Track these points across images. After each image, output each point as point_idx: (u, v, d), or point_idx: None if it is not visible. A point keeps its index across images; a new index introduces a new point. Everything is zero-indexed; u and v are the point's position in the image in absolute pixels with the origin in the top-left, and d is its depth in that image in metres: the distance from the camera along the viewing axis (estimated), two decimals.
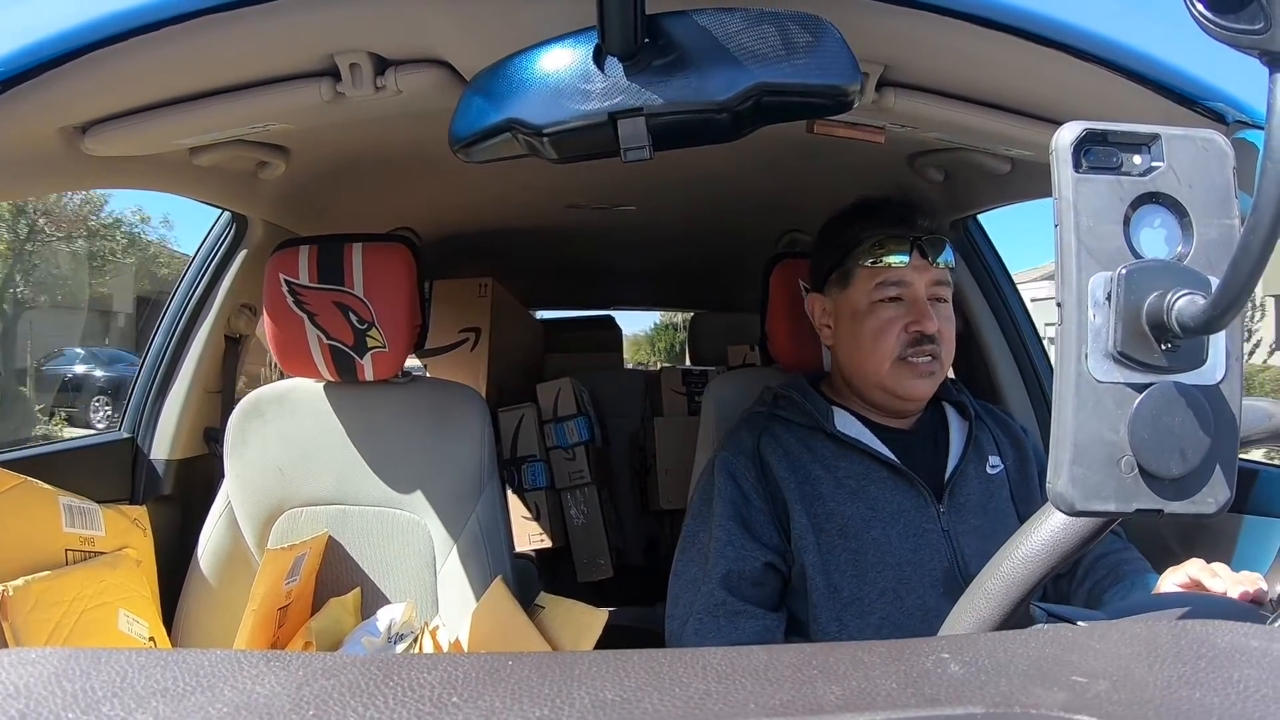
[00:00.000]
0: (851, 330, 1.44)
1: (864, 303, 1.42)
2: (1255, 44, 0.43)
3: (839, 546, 1.35)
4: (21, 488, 1.33)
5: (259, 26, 1.05)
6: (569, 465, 3.27)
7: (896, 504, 1.38)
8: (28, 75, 1.05)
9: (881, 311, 1.40)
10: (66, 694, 0.39)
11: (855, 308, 1.43)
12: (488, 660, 0.45)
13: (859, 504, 1.37)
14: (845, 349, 1.47)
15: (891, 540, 1.35)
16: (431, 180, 2.03)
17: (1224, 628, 0.51)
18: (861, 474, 1.40)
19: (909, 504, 1.38)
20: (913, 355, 1.39)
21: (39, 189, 1.43)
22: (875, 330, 1.40)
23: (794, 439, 1.44)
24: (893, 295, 1.40)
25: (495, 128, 0.90)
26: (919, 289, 1.40)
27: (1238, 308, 0.45)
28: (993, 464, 1.47)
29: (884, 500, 1.38)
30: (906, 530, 1.36)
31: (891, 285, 1.40)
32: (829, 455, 1.42)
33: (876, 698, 0.41)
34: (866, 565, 1.33)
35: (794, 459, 1.41)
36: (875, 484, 1.39)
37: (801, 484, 1.39)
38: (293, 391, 1.70)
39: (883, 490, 1.39)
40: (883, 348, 1.39)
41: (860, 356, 1.43)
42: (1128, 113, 1.07)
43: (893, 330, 1.39)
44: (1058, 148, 0.51)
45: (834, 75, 0.85)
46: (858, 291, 1.43)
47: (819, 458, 1.41)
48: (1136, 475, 0.50)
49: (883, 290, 1.40)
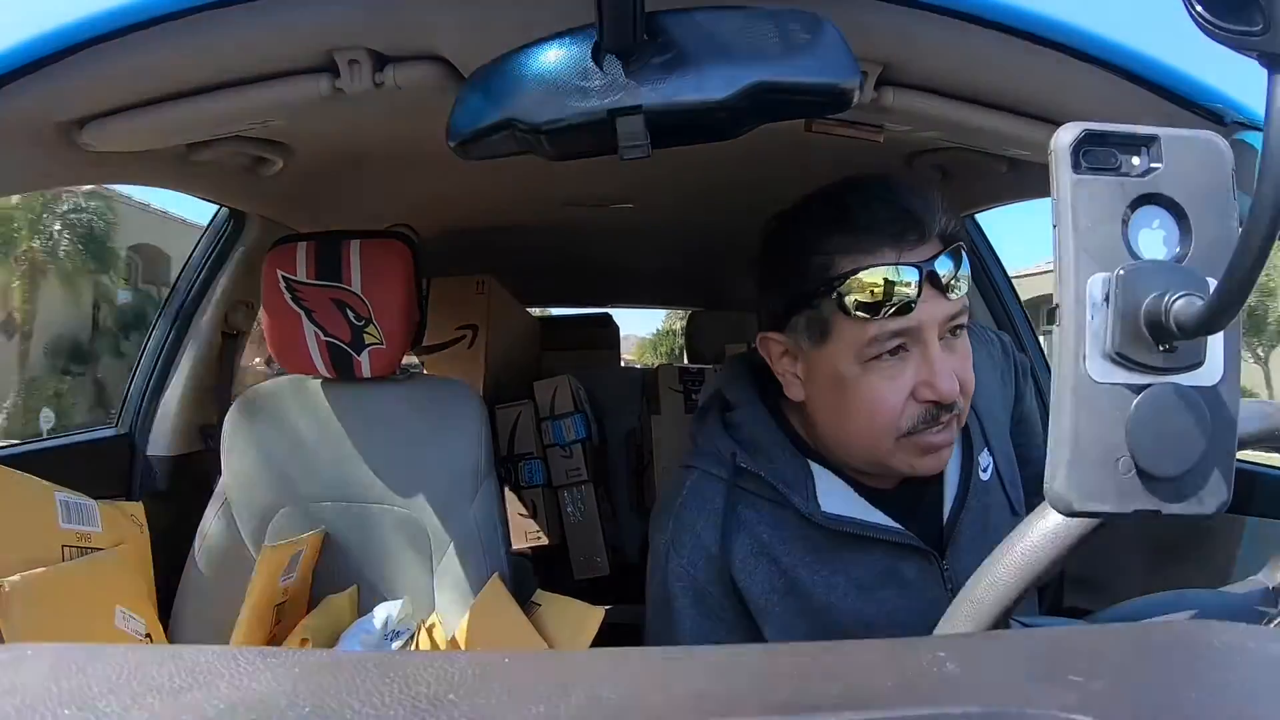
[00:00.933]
0: (834, 398, 1.04)
1: (851, 364, 1.00)
2: (1254, 45, 0.43)
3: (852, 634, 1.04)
4: (17, 483, 1.33)
5: (257, 22, 1.05)
6: (566, 463, 3.27)
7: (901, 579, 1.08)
8: (25, 70, 1.05)
9: (877, 376, 1.00)
10: (62, 690, 0.39)
11: (837, 371, 1.02)
12: (484, 658, 0.45)
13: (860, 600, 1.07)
14: (825, 416, 1.07)
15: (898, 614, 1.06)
16: (429, 177, 2.03)
17: (1220, 628, 0.51)
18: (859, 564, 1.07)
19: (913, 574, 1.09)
20: (925, 430, 1.00)
21: (35, 184, 1.42)
22: (869, 403, 1.00)
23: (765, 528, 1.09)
24: (894, 348, 0.99)
25: (494, 125, 0.90)
26: (930, 334, 0.98)
27: (1236, 309, 0.45)
28: (983, 465, 1.16)
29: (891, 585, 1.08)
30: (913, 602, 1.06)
31: (891, 338, 0.98)
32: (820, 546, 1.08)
33: (874, 697, 0.41)
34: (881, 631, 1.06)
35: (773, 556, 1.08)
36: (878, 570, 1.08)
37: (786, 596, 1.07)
38: (289, 388, 1.70)
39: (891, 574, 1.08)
40: (880, 425, 1.00)
41: (848, 432, 1.05)
42: (1127, 113, 1.07)
43: (894, 401, 0.99)
44: (1056, 148, 0.51)
45: (833, 74, 0.85)
46: (840, 349, 1.00)
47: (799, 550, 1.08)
48: (1134, 476, 0.50)
49: (878, 346, 0.98)
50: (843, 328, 0.99)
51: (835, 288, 0.98)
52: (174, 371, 2.01)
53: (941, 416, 1.00)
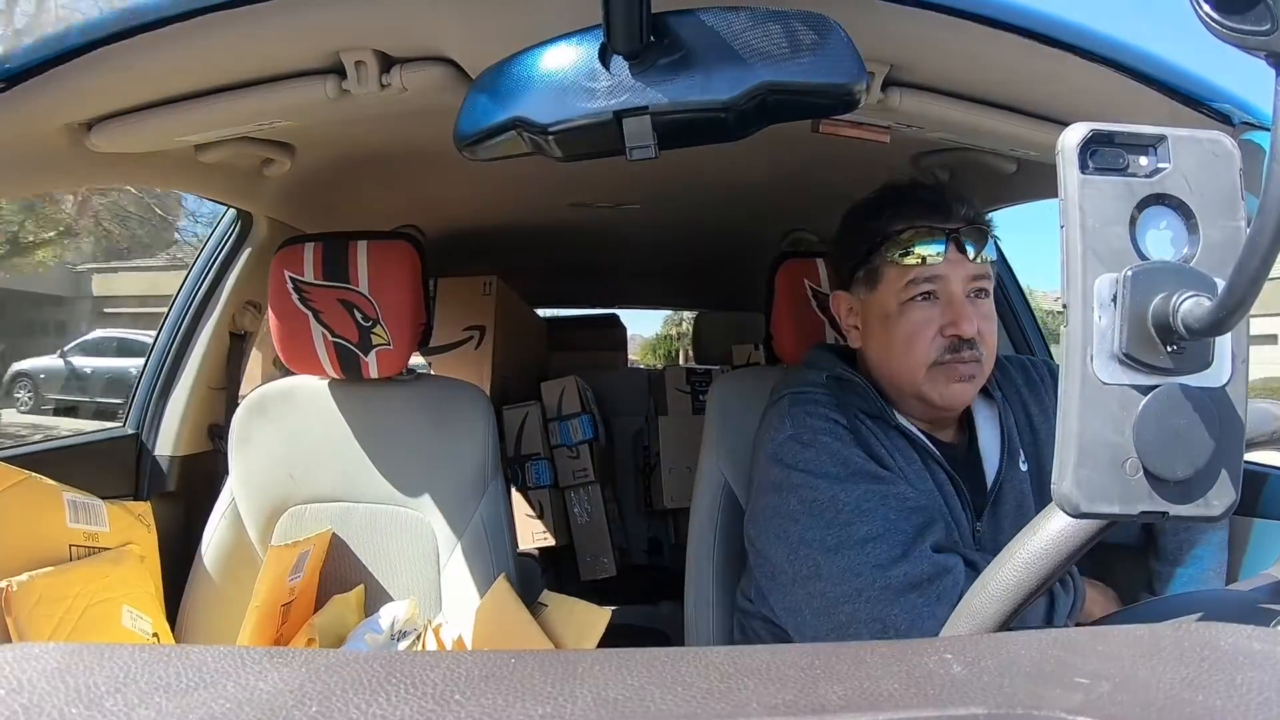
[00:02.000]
0: (882, 334, 1.30)
1: (893, 304, 1.27)
2: (1262, 45, 0.43)
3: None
4: (26, 483, 1.33)
5: (265, 24, 1.05)
6: (573, 464, 3.27)
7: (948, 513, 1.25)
8: (34, 72, 1.05)
9: (913, 313, 1.26)
10: (69, 689, 0.40)
11: (885, 309, 1.29)
12: (490, 658, 0.45)
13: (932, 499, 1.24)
14: (876, 353, 1.33)
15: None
16: (436, 178, 2.03)
17: (1227, 630, 0.50)
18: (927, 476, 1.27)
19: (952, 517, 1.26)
20: (951, 361, 1.24)
21: (44, 185, 1.43)
22: (907, 334, 1.26)
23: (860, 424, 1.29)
24: (925, 293, 1.25)
25: (500, 126, 0.90)
26: (955, 286, 1.25)
27: (1243, 310, 0.45)
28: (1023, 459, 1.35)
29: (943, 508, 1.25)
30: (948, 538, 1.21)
31: (924, 282, 1.25)
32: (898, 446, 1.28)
33: (879, 698, 0.41)
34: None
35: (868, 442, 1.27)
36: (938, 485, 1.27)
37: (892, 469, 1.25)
38: (297, 389, 1.70)
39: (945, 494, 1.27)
40: (916, 353, 1.25)
41: (893, 363, 1.29)
42: (1134, 114, 1.07)
43: (926, 334, 1.25)
44: (1064, 148, 0.51)
45: (840, 74, 0.85)
46: (886, 291, 1.28)
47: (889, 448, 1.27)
48: (1142, 478, 0.50)
49: (914, 288, 1.25)
50: (888, 274, 1.28)
51: (884, 243, 1.28)
52: (182, 372, 2.02)
53: (963, 351, 1.24)
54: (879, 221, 1.30)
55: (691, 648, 0.48)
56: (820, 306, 1.71)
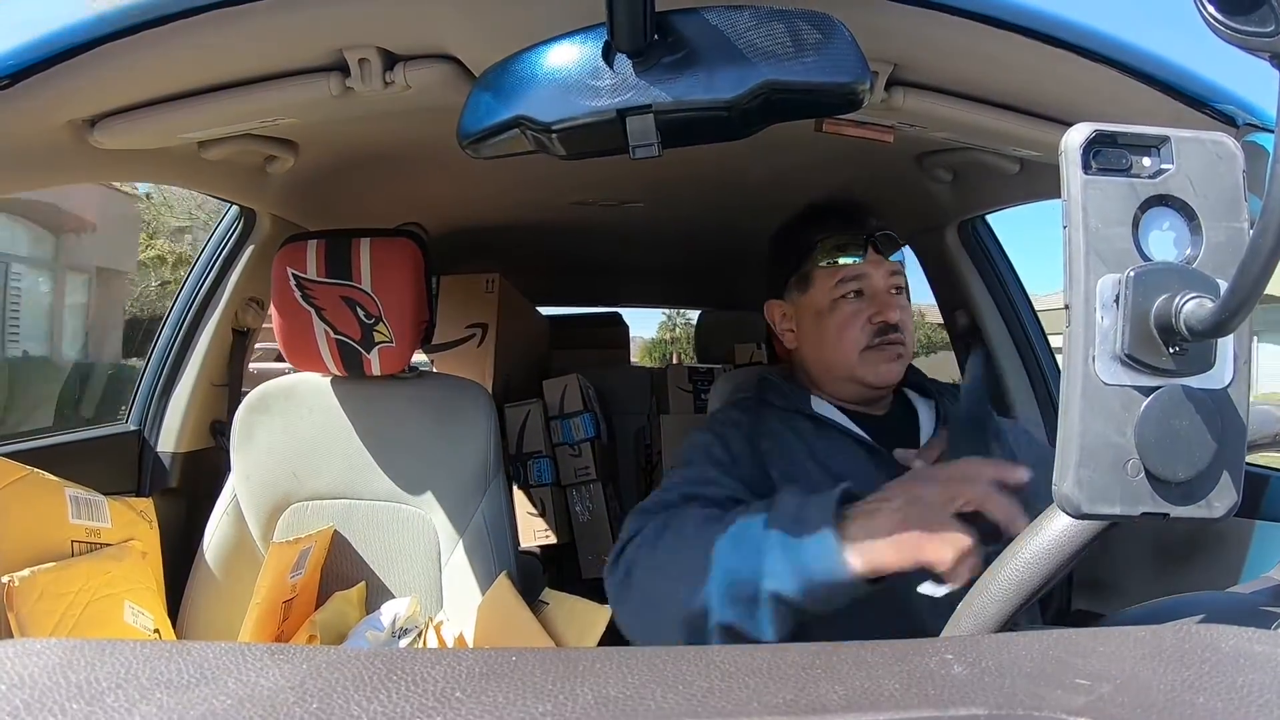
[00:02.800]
0: (816, 329, 1.47)
1: (825, 301, 1.45)
2: (1266, 46, 0.43)
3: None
4: (28, 479, 1.33)
5: (268, 21, 1.05)
6: (574, 462, 3.27)
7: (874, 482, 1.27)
8: (37, 68, 1.05)
9: (844, 306, 1.43)
10: (71, 685, 0.40)
11: (818, 307, 1.46)
12: (491, 655, 0.45)
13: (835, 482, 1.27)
14: (811, 348, 1.50)
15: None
16: (439, 176, 2.03)
17: (1228, 632, 0.50)
18: (838, 452, 1.39)
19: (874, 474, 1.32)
20: (879, 344, 1.41)
21: (47, 181, 1.43)
22: (840, 324, 1.43)
23: (778, 421, 1.45)
24: (854, 290, 1.43)
25: (504, 124, 0.90)
26: (878, 282, 1.43)
27: (1246, 311, 0.45)
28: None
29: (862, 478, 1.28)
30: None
31: (851, 281, 1.42)
32: (809, 433, 1.42)
33: (880, 698, 0.41)
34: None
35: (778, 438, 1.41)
36: (851, 461, 1.38)
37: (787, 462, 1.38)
38: (300, 386, 1.70)
39: (858, 467, 1.37)
40: (849, 340, 1.42)
41: (828, 352, 1.45)
42: (1137, 114, 1.07)
43: (857, 323, 1.42)
44: (1067, 149, 0.51)
45: (843, 74, 0.85)
46: (819, 292, 1.46)
47: (800, 435, 1.41)
48: (1143, 479, 0.50)
49: (843, 287, 1.43)
50: (819, 277, 1.45)
51: (814, 250, 1.45)
52: (184, 368, 2.02)
53: (890, 334, 1.41)
54: (805, 234, 1.49)
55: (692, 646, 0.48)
56: None
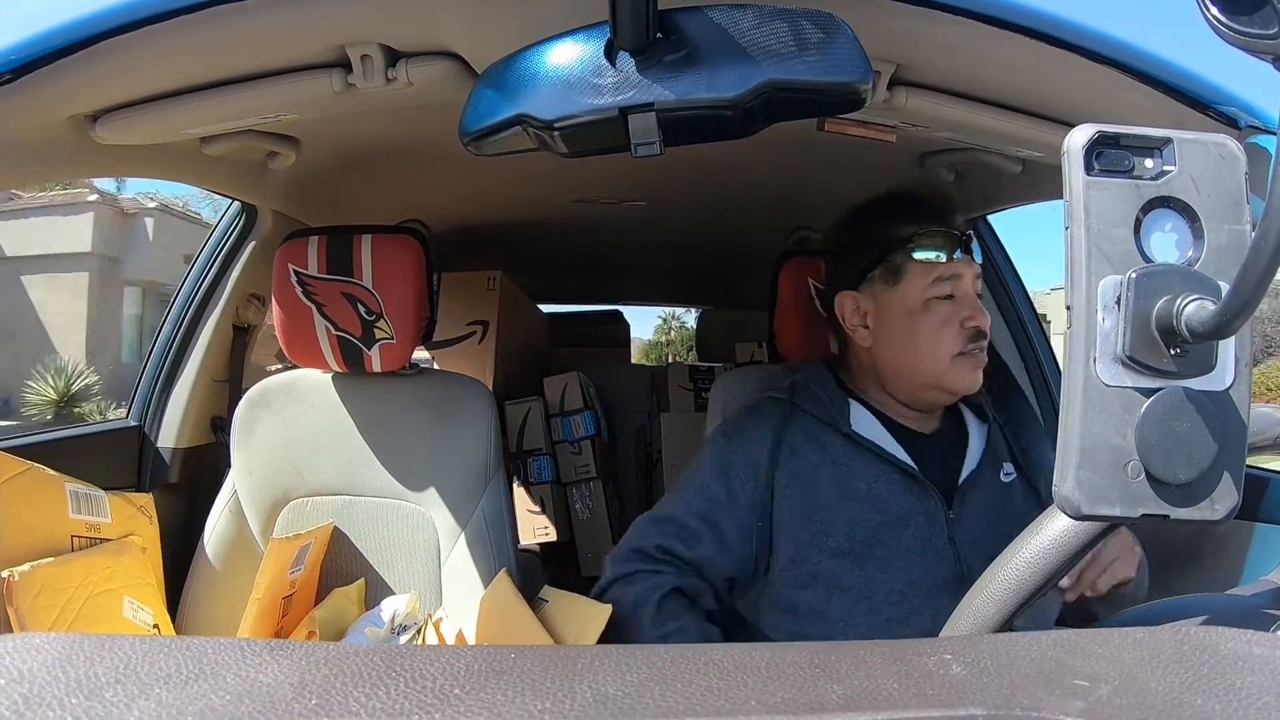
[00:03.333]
0: (905, 329, 1.38)
1: (918, 301, 1.36)
2: (1269, 48, 0.43)
3: (845, 550, 1.32)
4: (28, 474, 1.33)
5: (270, 17, 1.05)
6: (575, 459, 3.27)
7: (907, 509, 1.34)
8: (40, 63, 1.05)
9: (938, 308, 1.35)
10: (70, 679, 0.40)
11: (908, 306, 1.37)
12: (491, 653, 0.46)
13: (867, 509, 1.34)
14: (893, 349, 1.40)
15: (900, 545, 1.32)
16: (441, 173, 2.03)
17: (1227, 634, 0.50)
18: (873, 477, 1.36)
19: (919, 509, 1.34)
20: (972, 351, 1.35)
21: (49, 176, 1.43)
22: (934, 327, 1.35)
23: (805, 437, 1.40)
24: (947, 292, 1.36)
25: (506, 121, 0.90)
26: (968, 285, 1.37)
27: (1247, 313, 0.45)
28: (1007, 470, 1.43)
29: (894, 505, 1.34)
30: (915, 536, 1.32)
31: (946, 281, 1.35)
32: (841, 455, 1.38)
33: (878, 698, 0.41)
34: (873, 570, 1.31)
35: (800, 460, 1.38)
36: (886, 487, 1.35)
37: (806, 490, 1.36)
38: (300, 382, 1.70)
39: (893, 494, 1.35)
40: (943, 345, 1.34)
41: (916, 356, 1.37)
42: (1140, 115, 1.07)
43: (951, 326, 1.34)
44: (1069, 150, 0.51)
45: (846, 73, 0.85)
46: (910, 289, 1.37)
47: (830, 457, 1.38)
48: (1143, 480, 0.50)
49: (938, 286, 1.35)
50: (912, 272, 1.37)
51: (907, 242, 1.36)
52: (185, 364, 2.02)
53: (980, 341, 1.35)
54: (892, 223, 1.38)
55: (691, 645, 0.48)
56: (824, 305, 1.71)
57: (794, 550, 1.34)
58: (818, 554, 1.33)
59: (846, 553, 1.32)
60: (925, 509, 1.35)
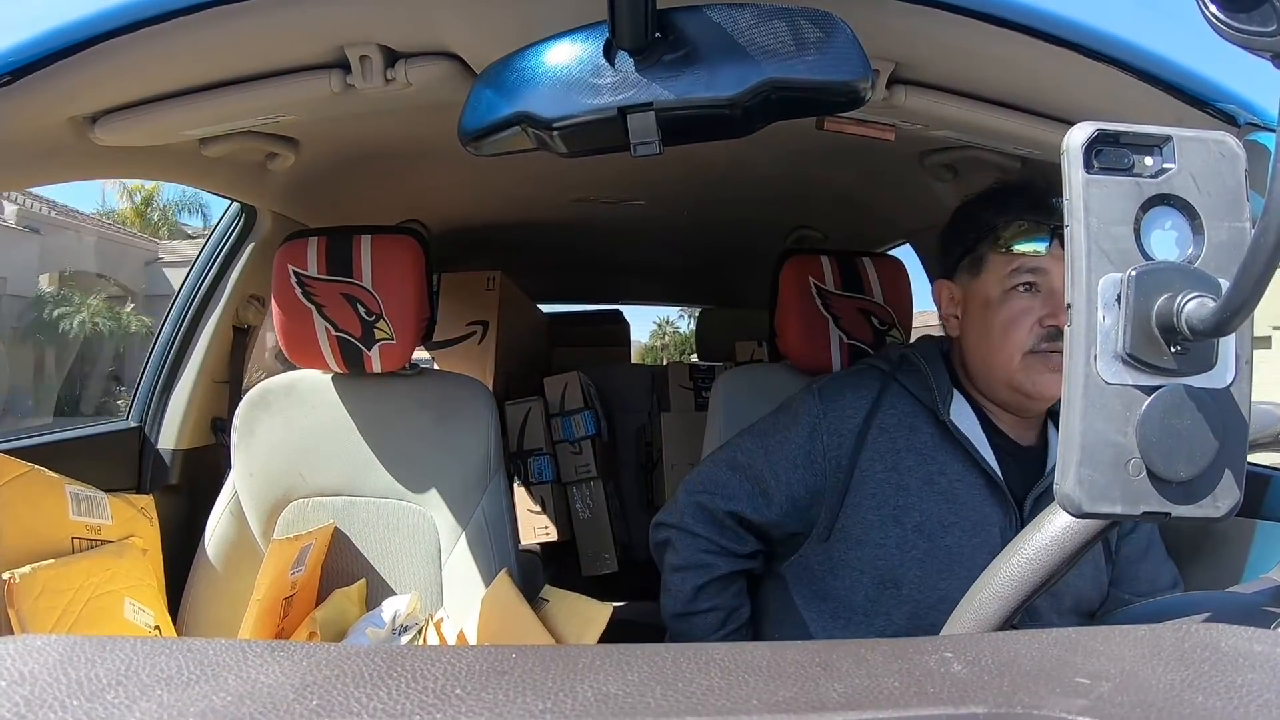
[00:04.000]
0: (981, 320, 1.33)
1: (996, 291, 1.31)
2: (1268, 46, 0.43)
3: (912, 543, 1.30)
4: (29, 476, 1.33)
5: (269, 18, 1.05)
6: (575, 459, 3.28)
7: (983, 515, 1.31)
8: (39, 65, 1.05)
9: (1015, 301, 1.29)
10: (71, 681, 0.40)
11: (987, 296, 1.32)
12: (492, 653, 0.45)
13: (944, 505, 1.31)
14: (973, 340, 1.36)
15: (966, 550, 1.29)
16: (440, 173, 2.03)
17: (1228, 632, 0.50)
18: (956, 475, 1.32)
19: (996, 518, 1.31)
20: (1046, 351, 1.26)
21: (48, 178, 1.43)
22: (1007, 321, 1.29)
23: (899, 417, 1.37)
24: (1027, 283, 1.29)
25: (505, 121, 0.90)
26: (1056, 280, 1.28)
27: (1247, 311, 0.45)
28: None
29: (971, 508, 1.31)
30: (985, 543, 1.28)
31: (1027, 273, 1.28)
32: (929, 444, 1.35)
33: (879, 696, 0.41)
34: (934, 569, 1.29)
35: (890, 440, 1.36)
36: (967, 489, 1.32)
37: (887, 472, 1.33)
38: (300, 382, 1.70)
39: (973, 497, 1.31)
40: (1014, 340, 1.28)
41: (989, 349, 1.32)
42: (1139, 113, 1.07)
43: (1026, 322, 1.27)
44: (1069, 148, 0.51)
45: (845, 72, 0.85)
46: (990, 279, 1.32)
47: (916, 445, 1.35)
48: (1144, 478, 0.50)
49: (1017, 277, 1.29)
50: (993, 262, 1.32)
51: (992, 232, 1.32)
52: (185, 365, 2.02)
53: (1059, 342, 1.23)
54: (987, 213, 1.34)
55: (692, 644, 0.48)
56: (825, 304, 1.71)
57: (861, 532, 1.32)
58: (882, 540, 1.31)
59: (913, 545, 1.30)
60: (1002, 519, 1.31)
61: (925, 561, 1.29)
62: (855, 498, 1.33)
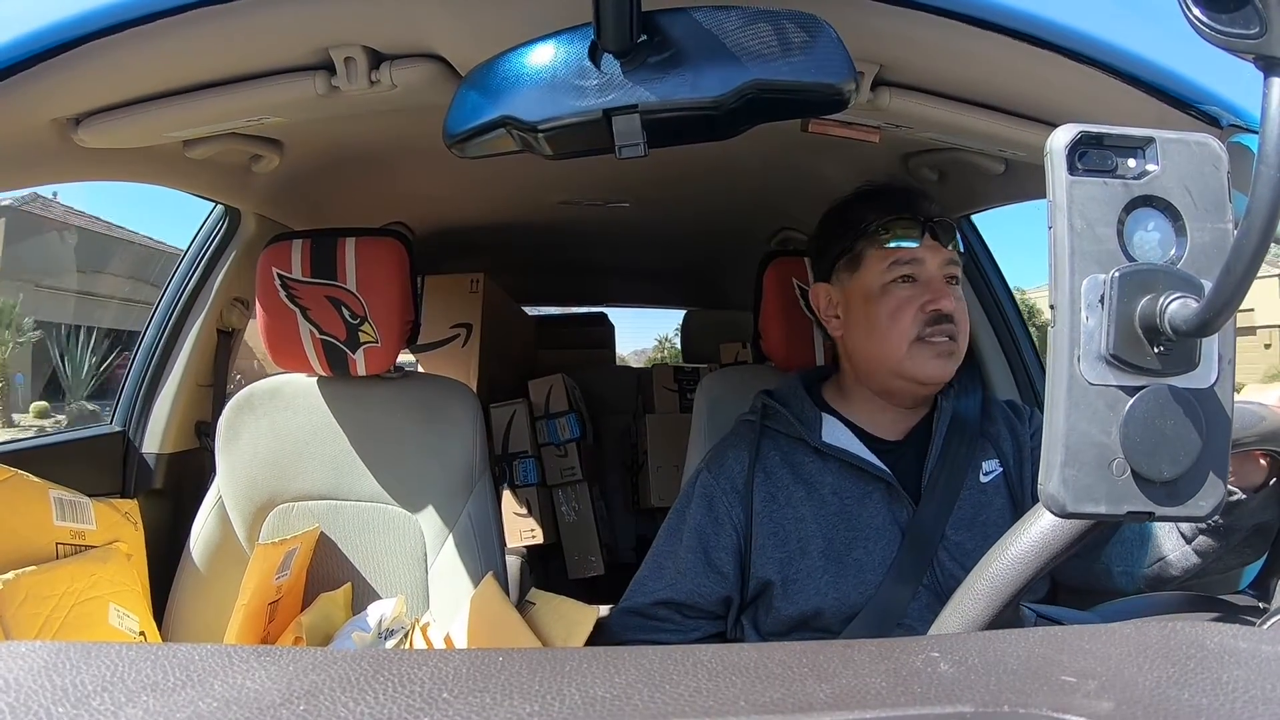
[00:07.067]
0: (864, 314, 1.37)
1: (876, 285, 1.34)
2: (1251, 48, 0.43)
3: (821, 569, 1.31)
4: (12, 481, 1.33)
5: (253, 20, 1.05)
6: (560, 462, 3.28)
7: (881, 520, 1.34)
8: (21, 67, 1.04)
9: (896, 291, 1.33)
10: (56, 688, 0.39)
11: (867, 291, 1.36)
12: (478, 656, 0.45)
13: (840, 525, 1.34)
14: (858, 336, 1.39)
15: (874, 560, 1.31)
16: (425, 175, 2.03)
17: (1213, 629, 0.51)
18: (846, 491, 1.35)
19: (894, 517, 1.34)
20: (930, 335, 1.31)
21: (30, 180, 1.42)
22: (890, 311, 1.33)
23: (780, 457, 1.40)
24: (906, 274, 1.33)
25: (490, 123, 0.90)
26: (932, 268, 1.33)
27: (1230, 311, 0.45)
28: (986, 470, 1.40)
29: (866, 519, 1.34)
30: (889, 546, 1.32)
31: (905, 264, 1.33)
32: (813, 472, 1.38)
33: (866, 696, 0.41)
34: (849, 587, 1.30)
35: (775, 482, 1.38)
36: (858, 501, 1.35)
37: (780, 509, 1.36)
38: (285, 386, 1.70)
39: (866, 507, 1.34)
40: (899, 328, 1.32)
41: (875, 340, 1.35)
42: (1123, 115, 1.07)
43: (909, 310, 1.31)
44: (1053, 150, 0.51)
45: (829, 74, 0.85)
46: (870, 274, 1.35)
47: (801, 475, 1.38)
48: (1128, 478, 0.51)
49: (896, 269, 1.33)
50: (871, 257, 1.36)
51: (867, 229, 1.36)
52: (169, 369, 2.01)
53: (942, 324, 1.32)
54: (858, 213, 1.39)
55: (679, 646, 0.48)
56: (809, 305, 1.72)
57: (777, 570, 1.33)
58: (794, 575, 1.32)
59: (822, 572, 1.32)
60: (903, 518, 1.34)
61: (838, 583, 1.31)
62: (759, 542, 1.36)
